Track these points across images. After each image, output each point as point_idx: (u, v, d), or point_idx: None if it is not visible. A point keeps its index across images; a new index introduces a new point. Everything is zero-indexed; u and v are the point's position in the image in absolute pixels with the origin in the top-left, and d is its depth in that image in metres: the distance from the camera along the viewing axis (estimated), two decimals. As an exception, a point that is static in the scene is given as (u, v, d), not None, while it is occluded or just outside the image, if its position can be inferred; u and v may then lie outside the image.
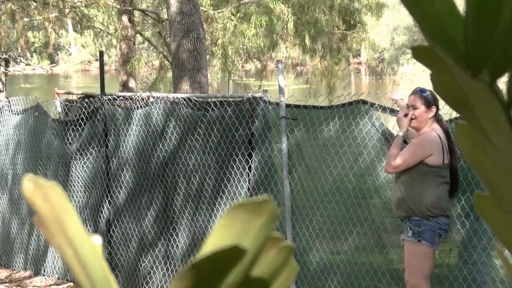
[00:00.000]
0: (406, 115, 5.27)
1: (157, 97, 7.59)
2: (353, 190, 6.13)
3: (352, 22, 18.45)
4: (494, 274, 5.44)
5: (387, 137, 6.00)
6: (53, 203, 0.64)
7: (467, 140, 0.65)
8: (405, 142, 5.38)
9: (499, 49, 0.60)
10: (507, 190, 0.64)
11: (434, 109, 5.18)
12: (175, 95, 7.66)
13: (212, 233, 0.61)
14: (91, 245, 0.65)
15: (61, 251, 0.65)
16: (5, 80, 17.42)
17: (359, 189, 6.14)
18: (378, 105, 6.01)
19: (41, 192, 0.64)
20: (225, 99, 7.12)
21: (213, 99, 7.38)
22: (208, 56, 13.91)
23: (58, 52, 51.06)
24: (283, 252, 0.63)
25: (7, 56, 19.14)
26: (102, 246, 0.67)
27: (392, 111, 5.96)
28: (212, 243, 0.60)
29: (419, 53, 0.63)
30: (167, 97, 7.48)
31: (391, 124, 6.30)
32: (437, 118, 5.22)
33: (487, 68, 0.61)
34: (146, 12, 19.51)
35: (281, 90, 6.44)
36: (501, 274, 5.40)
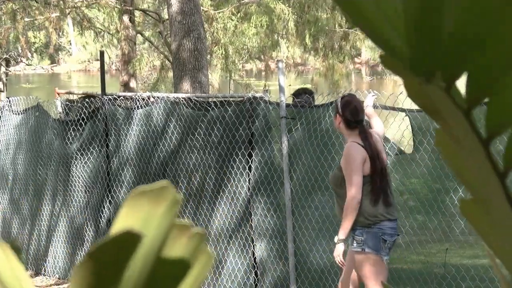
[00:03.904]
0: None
1: (158, 97, 7.59)
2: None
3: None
4: (493, 274, 5.43)
5: (386, 137, 6.00)
6: None
7: (444, 146, 0.65)
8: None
9: (448, 53, 0.59)
10: (485, 192, 0.64)
11: (338, 117, 5.11)
12: (176, 95, 7.66)
13: (115, 222, 0.60)
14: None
15: None
16: (6, 80, 17.43)
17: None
18: (379, 104, 5.98)
19: None
20: (226, 99, 7.12)
21: (214, 99, 7.38)
22: (208, 56, 13.91)
23: (59, 52, 51.09)
24: (194, 239, 0.62)
25: (7, 56, 19.15)
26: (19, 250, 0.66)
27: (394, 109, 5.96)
28: (114, 231, 0.60)
29: (386, 61, 0.62)
30: (167, 97, 7.48)
31: (381, 119, 6.29)
32: (352, 125, 5.09)
33: (440, 72, 0.60)
34: (147, 12, 19.52)
35: (281, 90, 6.44)
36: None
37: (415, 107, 5.87)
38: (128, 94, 8.29)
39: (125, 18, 17.06)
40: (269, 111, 6.63)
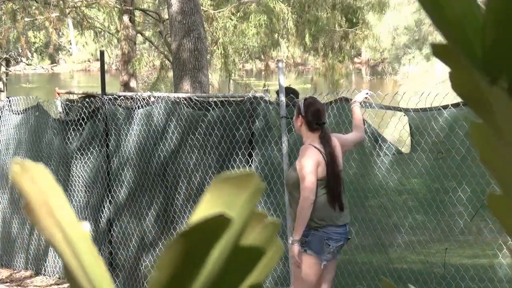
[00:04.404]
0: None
1: (158, 96, 7.60)
2: (354, 190, 6.13)
3: (354, 20, 18.46)
4: (493, 273, 5.44)
5: (376, 137, 6.00)
6: (41, 185, 0.63)
7: (482, 139, 0.65)
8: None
9: None
10: None
11: (300, 118, 5.13)
12: (176, 94, 7.67)
13: (199, 206, 0.61)
14: (80, 228, 0.65)
15: (49, 235, 0.65)
16: (6, 79, 17.44)
17: (358, 188, 6.13)
18: (368, 103, 5.92)
19: (29, 174, 0.63)
20: (226, 98, 7.13)
21: (214, 99, 7.38)
22: (208, 56, 13.91)
23: (59, 52, 51.09)
24: (269, 228, 0.64)
25: (7, 56, 19.15)
26: (90, 233, 0.66)
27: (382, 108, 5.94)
28: (200, 215, 0.61)
29: (439, 51, 0.63)
30: (168, 96, 7.49)
31: (378, 120, 6.28)
32: (314, 128, 5.10)
33: (506, 74, 0.61)
34: (147, 12, 19.52)
35: (281, 90, 6.44)
36: (499, 273, 5.40)
37: (412, 107, 5.87)
38: (129, 94, 8.30)
39: (125, 18, 17.06)
40: (269, 111, 6.64)
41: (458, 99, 5.19)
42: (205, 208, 0.61)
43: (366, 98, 5.58)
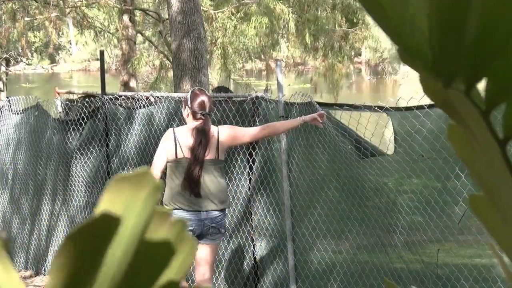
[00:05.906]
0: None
1: (161, 96, 7.59)
2: (353, 189, 6.13)
3: (354, 20, 18.47)
4: (487, 274, 5.43)
5: (353, 141, 6.00)
6: None
7: (459, 141, 0.66)
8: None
9: (470, 58, 0.60)
10: (499, 190, 0.64)
11: (187, 108, 5.56)
12: (177, 94, 7.66)
13: (98, 207, 0.60)
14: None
15: None
16: (6, 79, 17.43)
17: (359, 188, 6.13)
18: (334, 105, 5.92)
19: None
20: (229, 98, 7.12)
21: (219, 99, 7.37)
22: (208, 56, 13.91)
23: (59, 52, 51.11)
24: (176, 227, 0.63)
25: (7, 56, 19.16)
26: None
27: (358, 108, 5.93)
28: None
29: (403, 56, 0.63)
30: (168, 96, 7.48)
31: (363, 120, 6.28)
32: (197, 117, 5.51)
33: (461, 76, 0.61)
34: (147, 12, 19.52)
35: (280, 89, 6.44)
36: (493, 274, 5.39)
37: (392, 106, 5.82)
38: (129, 93, 8.29)
39: (125, 17, 17.07)
40: (269, 111, 6.63)
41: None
42: (103, 208, 0.60)
43: (315, 120, 5.54)
